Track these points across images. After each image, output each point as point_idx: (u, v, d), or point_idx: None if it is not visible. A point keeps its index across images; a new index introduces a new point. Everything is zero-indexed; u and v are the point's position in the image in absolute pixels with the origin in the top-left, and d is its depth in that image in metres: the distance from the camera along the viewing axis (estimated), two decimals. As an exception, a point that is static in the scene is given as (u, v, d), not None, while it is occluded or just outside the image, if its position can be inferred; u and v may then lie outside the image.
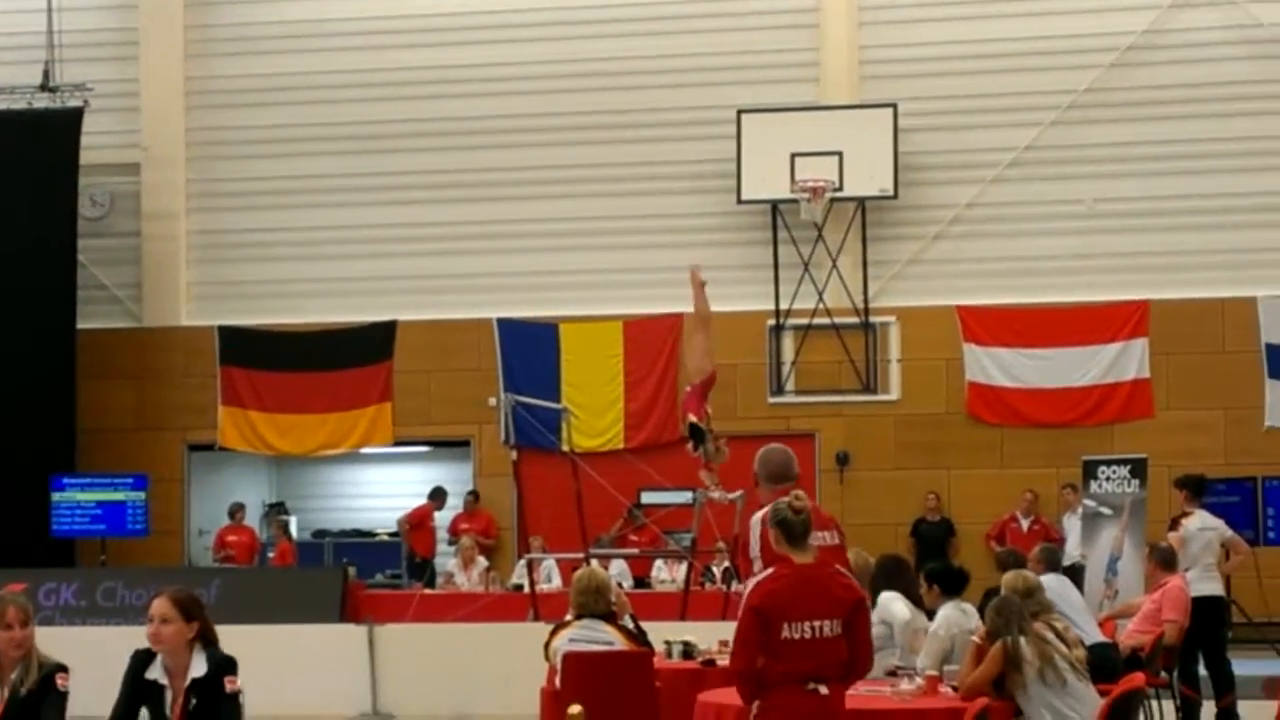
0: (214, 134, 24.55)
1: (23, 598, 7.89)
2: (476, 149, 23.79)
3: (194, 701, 7.52)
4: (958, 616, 10.73)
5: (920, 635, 10.94)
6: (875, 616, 11.49)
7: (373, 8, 24.09)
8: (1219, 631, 15.22)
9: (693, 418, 15.68)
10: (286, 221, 24.24)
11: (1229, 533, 15.80)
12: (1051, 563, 13.18)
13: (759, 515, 8.61)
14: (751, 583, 8.25)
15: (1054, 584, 12.25)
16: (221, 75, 24.51)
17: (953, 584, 11.03)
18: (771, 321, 23.11)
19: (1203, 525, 15.46)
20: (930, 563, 12.96)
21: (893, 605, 11.36)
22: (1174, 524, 15.67)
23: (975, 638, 9.80)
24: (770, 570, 8.11)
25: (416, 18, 23.97)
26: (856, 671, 8.09)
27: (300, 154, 24.21)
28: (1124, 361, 22.49)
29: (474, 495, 23.54)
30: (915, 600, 11.43)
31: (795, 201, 22.56)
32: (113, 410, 23.93)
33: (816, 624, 7.85)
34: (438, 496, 23.74)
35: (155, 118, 24.45)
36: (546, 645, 10.75)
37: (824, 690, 7.86)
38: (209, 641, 7.68)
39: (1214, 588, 15.26)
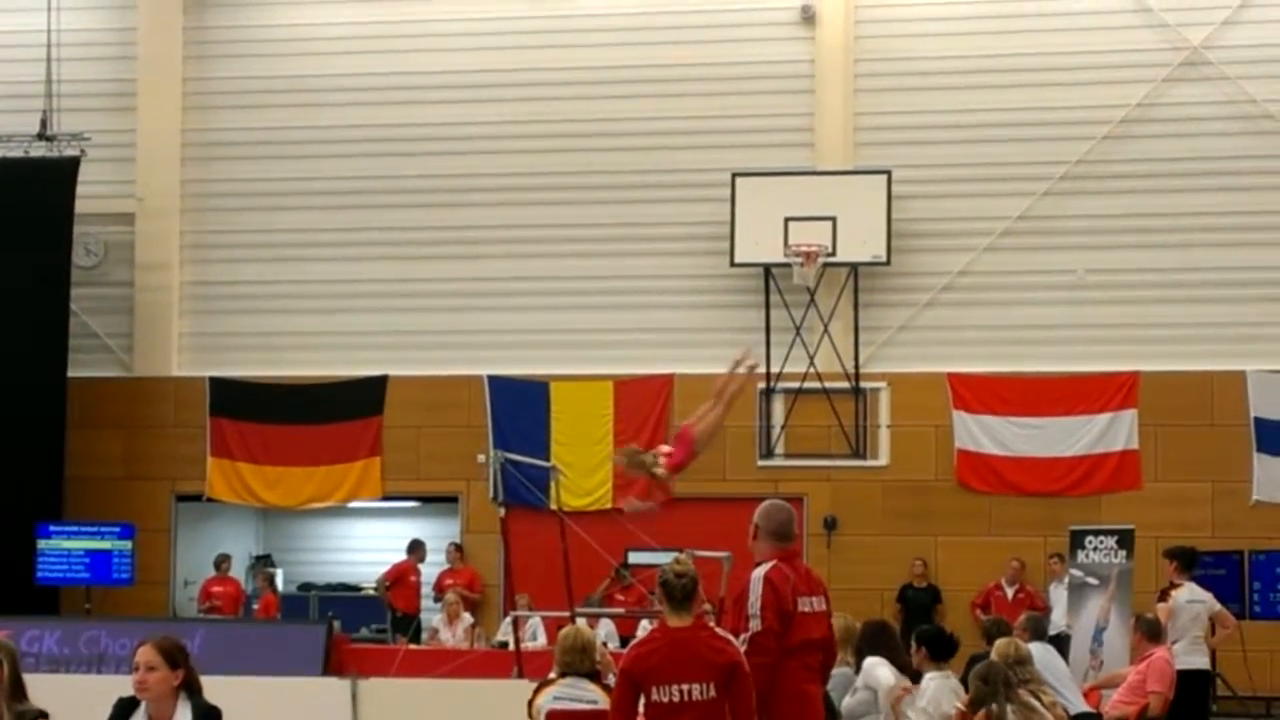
0: (209, 186, 24.61)
1: None
2: (471, 206, 23.86)
3: (177, 750, 7.51)
4: (945, 689, 10.73)
5: (904, 702, 10.93)
6: (860, 681, 11.52)
7: (370, 64, 24.18)
8: (1203, 705, 15.23)
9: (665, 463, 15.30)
10: (280, 274, 24.29)
11: (1217, 606, 15.83)
12: (1038, 632, 13.20)
13: (760, 572, 8.66)
14: (631, 646, 8.44)
15: (1040, 653, 12.25)
16: (218, 128, 24.59)
17: (942, 650, 11.04)
18: (762, 385, 23.11)
19: (1191, 598, 15.48)
20: (919, 627, 12.97)
21: (877, 670, 11.36)
22: (1163, 595, 15.68)
23: (959, 703, 9.80)
24: (644, 635, 8.26)
25: (413, 74, 24.07)
26: None
27: (295, 208, 24.27)
28: (1113, 432, 22.51)
29: (457, 548, 23.49)
30: (900, 666, 11.43)
31: (788, 265, 22.61)
32: (101, 459, 23.89)
33: (685, 687, 7.99)
34: (416, 549, 23.66)
35: (151, 168, 24.51)
36: (530, 703, 10.73)
37: None
38: (193, 690, 7.67)
39: (1201, 661, 15.28)
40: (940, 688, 10.72)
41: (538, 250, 23.71)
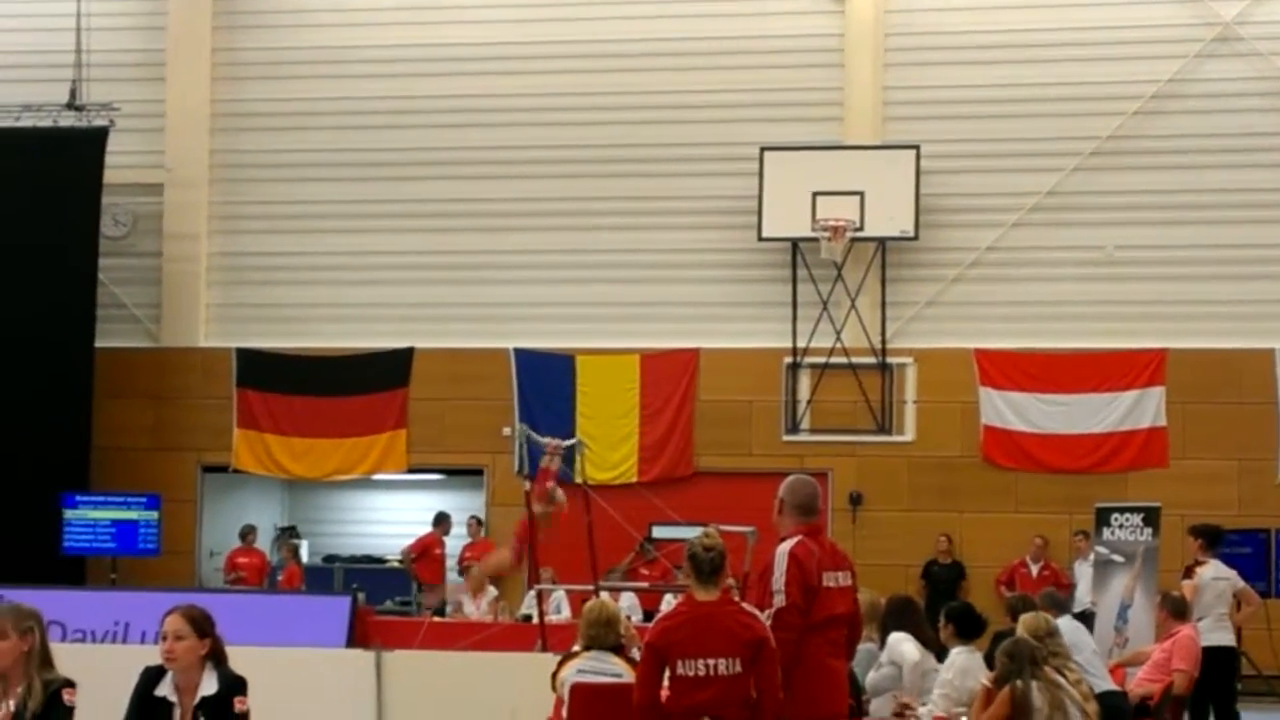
0: (238, 156, 24.64)
1: (7, 609, 7.76)
2: (499, 179, 23.85)
3: (202, 718, 7.53)
4: (970, 662, 10.72)
5: (930, 677, 10.93)
6: (884, 657, 11.51)
7: (399, 36, 24.18)
8: (1230, 683, 15.19)
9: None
10: (307, 246, 24.31)
11: (1242, 583, 15.76)
12: (1059, 608, 13.13)
13: (785, 547, 8.65)
14: (657, 620, 8.46)
15: (1067, 629, 12.22)
16: (247, 99, 24.61)
17: (970, 627, 11.03)
18: (789, 359, 23.11)
19: (1216, 575, 15.42)
20: (945, 604, 12.94)
21: (902, 646, 11.36)
22: (1188, 572, 15.62)
23: (985, 679, 9.78)
24: (672, 608, 8.27)
25: (442, 46, 24.06)
26: (764, 710, 8.14)
27: (323, 179, 24.29)
28: (1140, 409, 22.45)
29: (478, 522, 23.51)
30: (924, 641, 11.42)
31: (815, 240, 22.57)
32: (128, 429, 23.97)
33: (711, 661, 8.01)
34: (442, 522, 23.69)
35: (180, 139, 24.54)
36: (554, 676, 10.74)
37: None
38: (220, 660, 7.69)
39: (1226, 638, 15.22)
40: (967, 661, 10.71)
41: (565, 223, 23.69)
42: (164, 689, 7.64)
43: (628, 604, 19.51)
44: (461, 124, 23.95)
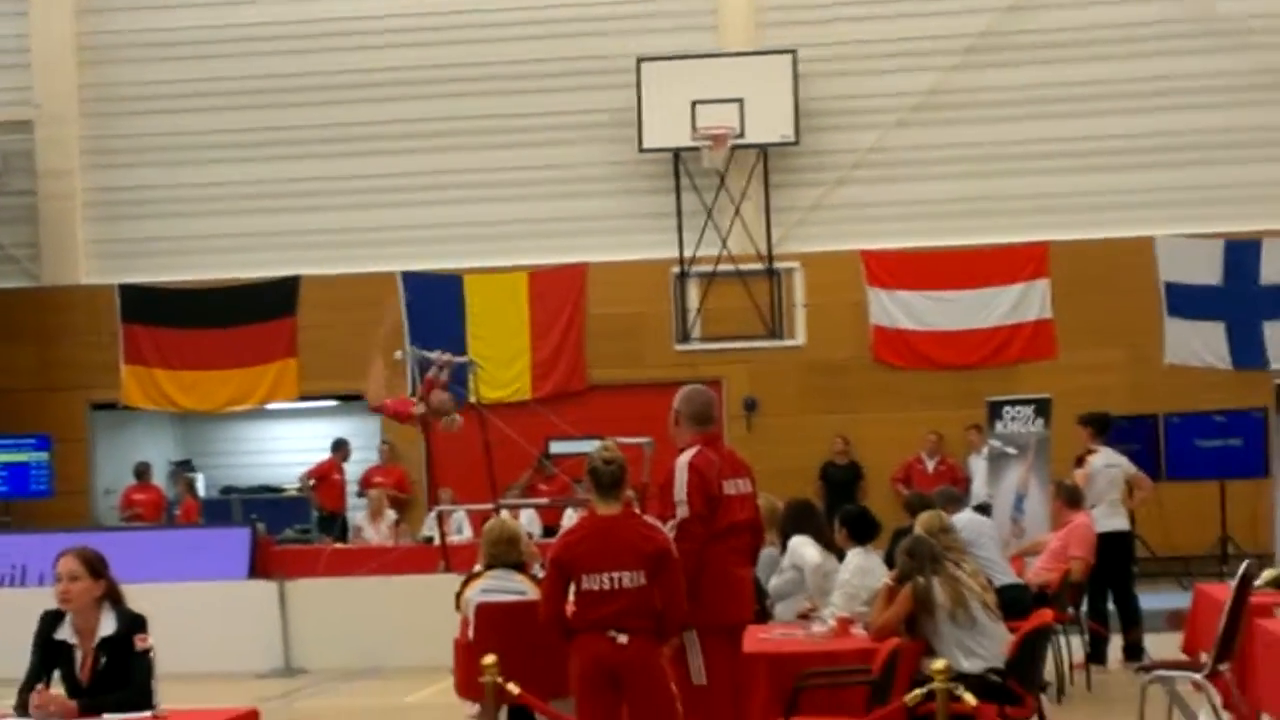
0: (107, 90, 24.24)
1: None
2: (377, 101, 23.63)
3: (104, 660, 7.49)
4: (867, 562, 10.82)
5: (831, 578, 11.02)
6: (786, 561, 11.61)
7: (268, -41, 23.86)
8: (1125, 566, 15.44)
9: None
10: (185, 178, 24.01)
11: (1133, 469, 16.01)
12: (956, 503, 13.26)
13: (685, 458, 8.68)
14: (560, 535, 8.52)
15: (967, 523, 12.36)
16: (113, 30, 24.20)
17: (864, 530, 11.12)
18: (676, 269, 23.13)
19: (1108, 462, 15.65)
20: (841, 506, 13.05)
21: (803, 549, 11.44)
22: (1079, 461, 15.85)
23: (886, 579, 9.87)
24: (574, 522, 8.31)
25: (312, -31, 23.77)
26: (669, 620, 8.21)
27: (197, 109, 23.96)
28: (1026, 303, 22.67)
29: (388, 445, 23.44)
30: (825, 544, 11.51)
31: (697, 149, 22.55)
32: (13, 371, 23.68)
33: (615, 575, 8.09)
34: (340, 448, 23.60)
35: (47, 74, 24.11)
36: (458, 596, 10.77)
37: (622, 639, 8.08)
38: (117, 600, 7.63)
39: (1120, 523, 15.47)
40: (864, 561, 10.80)
41: (447, 144, 23.52)
42: (63, 632, 7.59)
43: (526, 520, 19.57)
44: (333, 48, 23.68)
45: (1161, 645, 14.15)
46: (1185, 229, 22.41)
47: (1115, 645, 15.06)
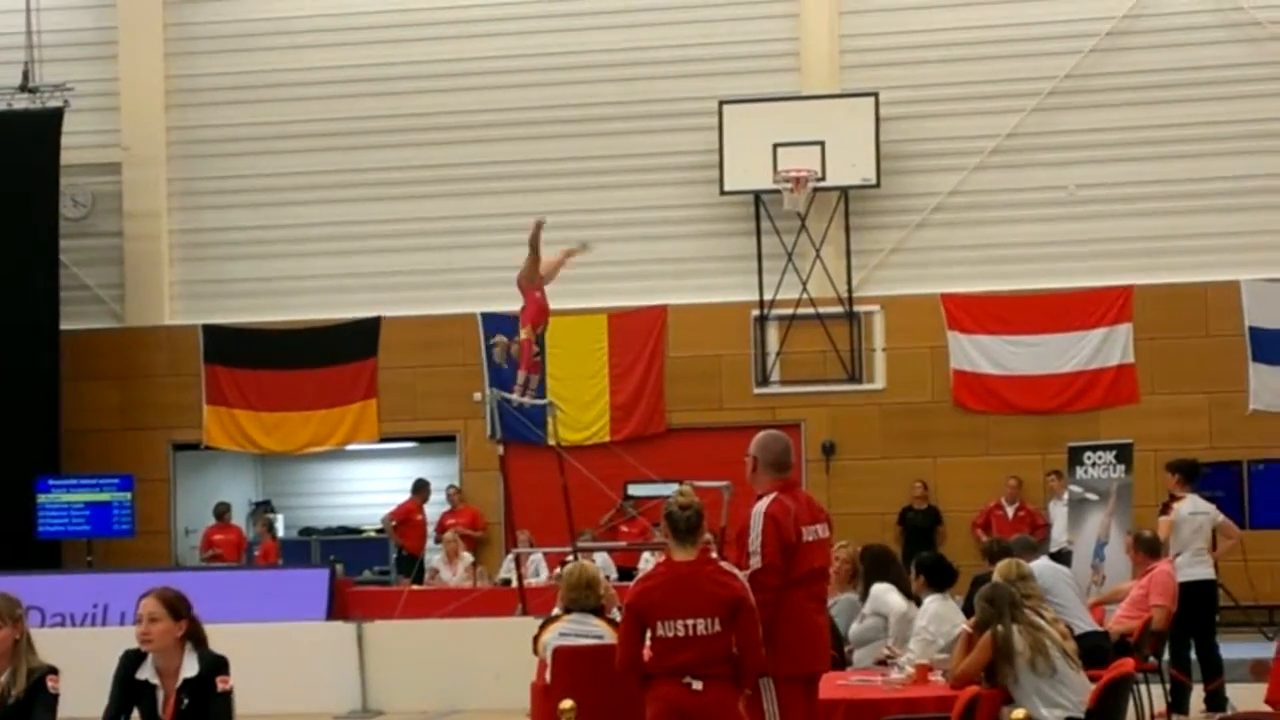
0: (194, 132, 24.49)
1: (3, 598, 7.81)
2: (459, 144, 23.75)
3: (186, 701, 7.52)
4: (943, 609, 10.75)
5: (913, 626, 10.95)
6: (868, 608, 11.55)
7: (352, 4, 24.05)
8: (1209, 616, 15.25)
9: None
10: (269, 219, 24.20)
11: (1220, 517, 15.79)
12: (1032, 550, 13.16)
13: (761, 507, 8.62)
14: (636, 581, 8.49)
15: (1044, 570, 12.26)
16: (201, 73, 24.45)
17: (941, 577, 11.05)
18: (756, 312, 23.10)
19: (1194, 510, 15.46)
20: (920, 552, 12.99)
21: (888, 596, 11.40)
22: (1165, 508, 15.68)
23: (965, 626, 9.80)
24: (650, 568, 8.27)
25: (398, 13, 23.93)
26: (746, 668, 8.16)
27: (281, 151, 24.17)
28: (1108, 347, 22.50)
29: (457, 490, 23.51)
30: (904, 590, 11.46)
31: (778, 192, 22.54)
32: (97, 411, 23.88)
33: (690, 621, 8.07)
34: (421, 490, 23.68)
35: (135, 117, 24.39)
36: (536, 639, 10.76)
37: (697, 685, 8.06)
38: (199, 641, 7.66)
39: (1206, 572, 15.28)
40: (940, 608, 10.73)
41: (528, 185, 23.59)
42: (145, 672, 7.62)
43: (601, 563, 19.56)
44: (419, 90, 23.84)
45: (1244, 696, 13.97)
46: (1272, 273, 22.19)
47: (1197, 695, 14.88)
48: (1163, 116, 22.51)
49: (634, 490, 21.15)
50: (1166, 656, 14.52)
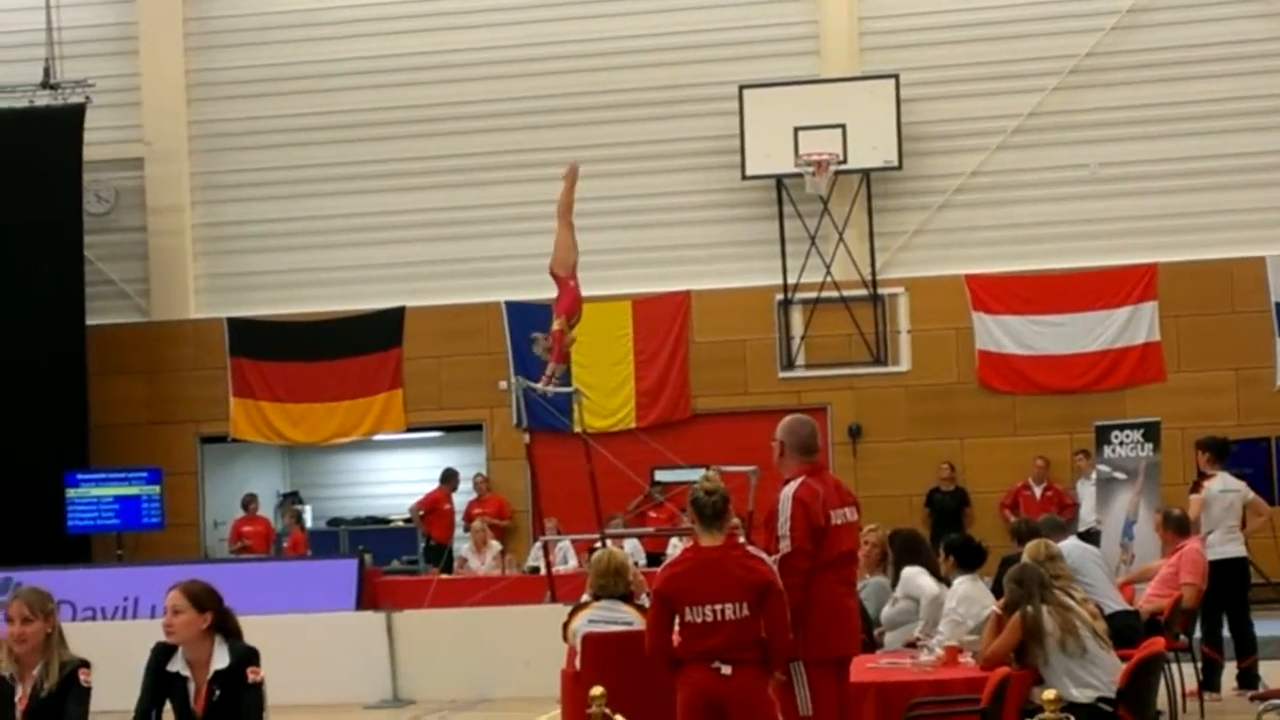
0: (216, 126, 24.55)
1: (29, 593, 7.83)
2: (481, 132, 23.77)
3: (218, 693, 7.54)
4: (973, 590, 10.75)
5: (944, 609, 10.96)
6: (900, 591, 11.56)
7: (371, -6, 24.09)
8: (1241, 593, 15.20)
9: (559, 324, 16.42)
10: (292, 211, 24.26)
11: (1251, 495, 15.73)
12: (1061, 530, 13.13)
13: (789, 490, 8.59)
14: (664, 567, 8.49)
15: (1073, 550, 12.23)
16: (222, 67, 24.51)
17: (970, 559, 11.04)
18: (780, 296, 23.09)
19: (1225, 487, 15.40)
20: (948, 533, 12.97)
21: (919, 580, 11.41)
22: (1196, 486, 15.62)
23: (994, 608, 9.79)
24: (678, 554, 8.26)
25: (417, 3, 23.99)
26: (775, 652, 8.15)
27: (303, 144, 24.21)
28: (1134, 325, 22.45)
29: (483, 478, 23.55)
30: (934, 573, 11.46)
31: (800, 175, 22.52)
32: (124, 405, 23.97)
33: (718, 607, 8.06)
34: (450, 479, 23.71)
35: (157, 112, 24.44)
36: (565, 626, 10.77)
37: (726, 670, 8.06)
38: (230, 633, 7.68)
39: (1237, 549, 15.23)
40: (969, 589, 10.73)
41: (550, 174, 23.39)
42: (176, 664, 7.65)
43: (630, 549, 19.57)
44: (441, 80, 23.87)
45: (1277, 673, 13.94)
46: (1296, 249, 22.14)
47: (1229, 673, 14.85)
48: (1185, 93, 22.45)
49: (661, 476, 21.13)
50: (1197, 634, 14.49)
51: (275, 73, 24.27)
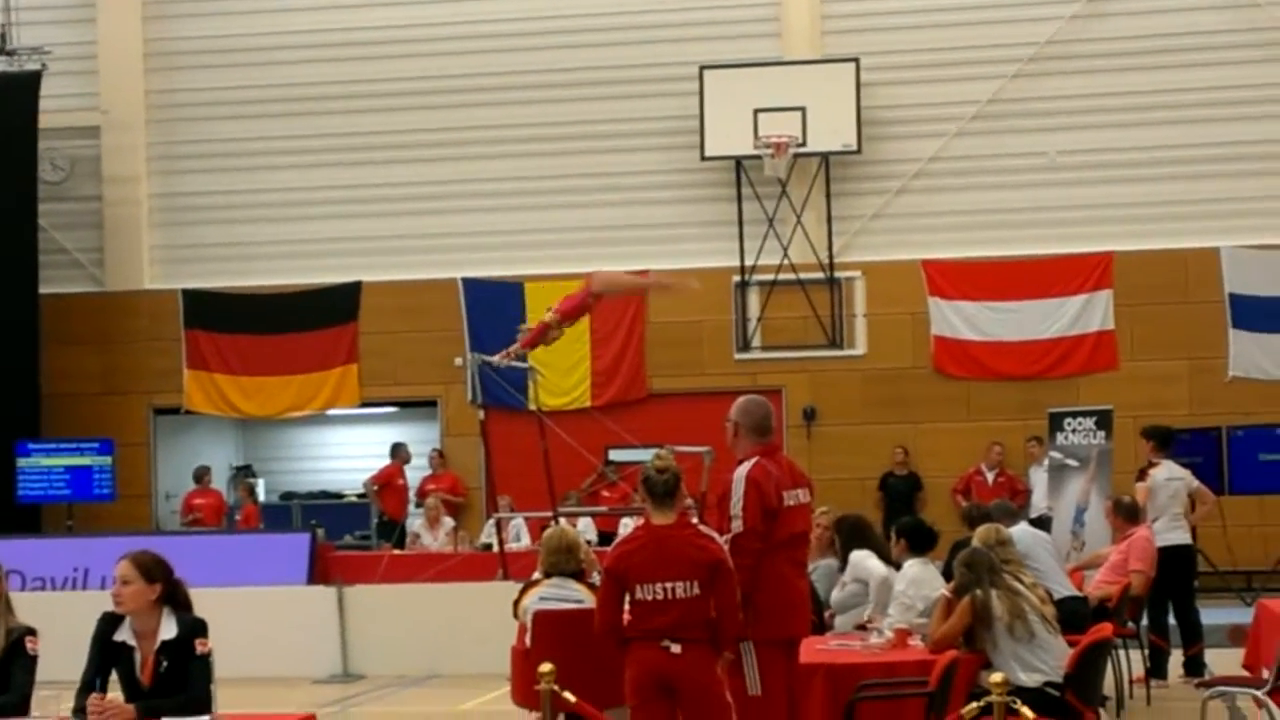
0: (174, 96, 24.41)
1: None
2: (440, 108, 23.70)
3: (165, 663, 7.53)
4: (923, 573, 10.78)
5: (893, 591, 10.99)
6: (848, 575, 11.59)
7: (332, -33, 23.98)
8: (1187, 581, 15.32)
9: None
10: (249, 183, 24.15)
11: (1195, 483, 15.87)
12: (1012, 516, 13.19)
13: (743, 471, 8.61)
14: (615, 545, 8.50)
15: (1024, 536, 12.29)
16: (180, 37, 24.36)
17: (921, 541, 11.08)
18: (737, 278, 23.10)
19: (1170, 475, 15.53)
20: (900, 517, 13.01)
21: (867, 562, 11.44)
22: (1141, 475, 15.74)
23: (944, 591, 9.84)
24: (629, 532, 8.27)
25: (377, -24, 23.87)
26: (724, 631, 8.18)
27: (261, 115, 24.10)
28: (1089, 314, 22.54)
29: (439, 454, 23.52)
30: (882, 557, 11.50)
31: (759, 157, 22.52)
32: (77, 375, 23.84)
33: (668, 585, 8.09)
34: (398, 452, 23.67)
35: (114, 80, 24.30)
36: (516, 604, 10.79)
37: (676, 649, 8.09)
38: (180, 605, 7.67)
39: (1182, 537, 15.35)
40: (919, 572, 10.76)
41: (509, 150, 23.58)
42: (123, 634, 7.64)
43: (583, 527, 19.59)
44: (399, 55, 23.77)
45: (1222, 661, 14.05)
46: (1251, 240, 22.24)
47: (1176, 660, 14.94)
48: (1144, 83, 22.52)
49: (615, 455, 21.13)
50: (1145, 622, 14.58)
51: (234, 43, 24.15)
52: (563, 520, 15.73)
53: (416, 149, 23.75)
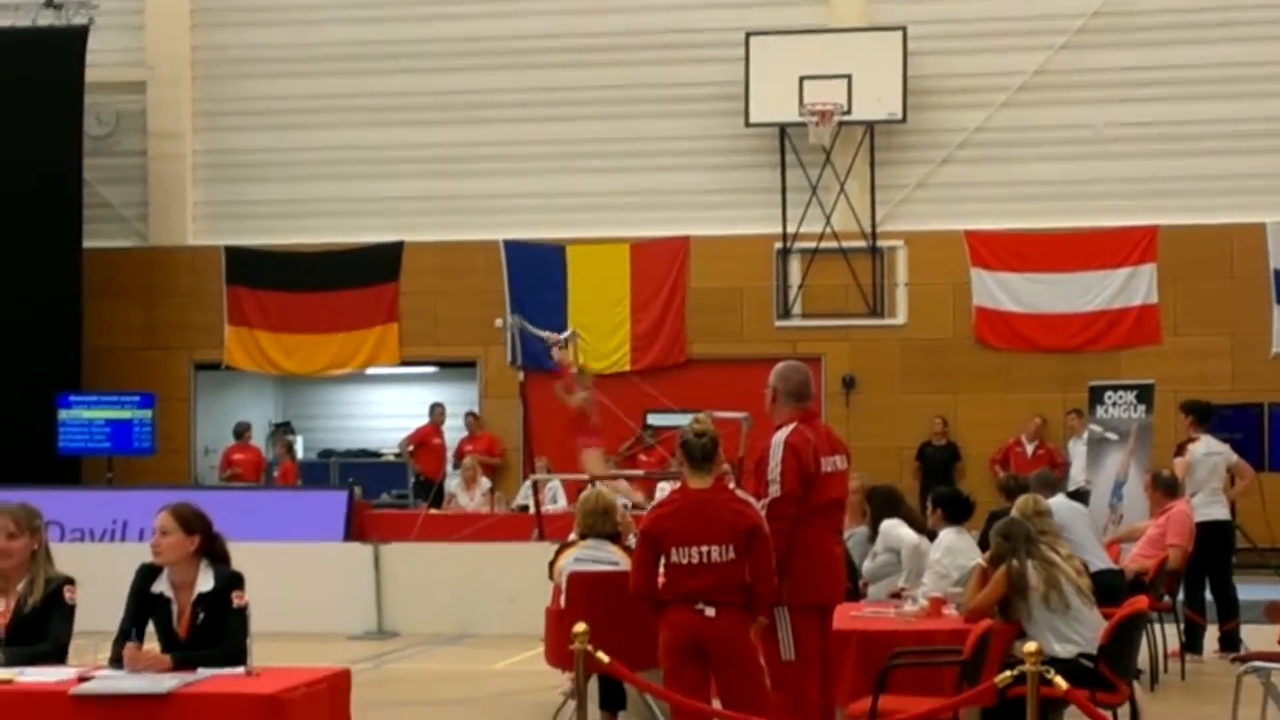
0: (220, 53, 24.45)
1: (16, 508, 7.84)
2: (486, 70, 23.69)
3: (201, 616, 7.56)
4: (958, 542, 10.77)
5: (926, 560, 10.99)
6: (880, 544, 11.59)
7: (380, -74, 23.97)
8: (1224, 556, 15.25)
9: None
10: (294, 141, 24.18)
11: (1234, 458, 15.78)
12: (1051, 487, 13.15)
13: (781, 436, 8.60)
14: (651, 508, 8.51)
15: (1062, 508, 12.26)
16: (227, -7, 24.42)
17: (958, 511, 11.07)
18: (779, 245, 23.06)
19: (1208, 450, 15.45)
20: (937, 487, 12.99)
21: (898, 530, 11.44)
22: (1180, 449, 15.67)
23: (980, 560, 9.82)
24: (665, 495, 8.26)
25: (424, -63, 23.86)
26: (758, 596, 8.18)
27: (306, 74, 24.12)
28: (1132, 287, 22.44)
29: (474, 416, 23.57)
30: (914, 527, 11.49)
31: (803, 125, 22.47)
32: (119, 329, 23.95)
33: (704, 548, 8.07)
34: (434, 412, 23.72)
35: (160, 36, 24.35)
36: (551, 565, 10.82)
37: (710, 612, 8.09)
38: (217, 558, 7.70)
39: (1220, 512, 15.27)
40: (954, 541, 10.76)
41: (553, 114, 23.56)
42: (160, 585, 7.67)
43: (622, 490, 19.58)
44: (446, 15, 23.77)
45: (1258, 636, 13.97)
46: (1297, 216, 22.12)
47: (1211, 635, 14.90)
48: (1192, 56, 22.36)
49: (653, 420, 21.15)
50: (1181, 596, 14.54)
51: (281, 1, 24.17)
52: (599, 483, 15.74)
53: (461, 110, 23.75)
